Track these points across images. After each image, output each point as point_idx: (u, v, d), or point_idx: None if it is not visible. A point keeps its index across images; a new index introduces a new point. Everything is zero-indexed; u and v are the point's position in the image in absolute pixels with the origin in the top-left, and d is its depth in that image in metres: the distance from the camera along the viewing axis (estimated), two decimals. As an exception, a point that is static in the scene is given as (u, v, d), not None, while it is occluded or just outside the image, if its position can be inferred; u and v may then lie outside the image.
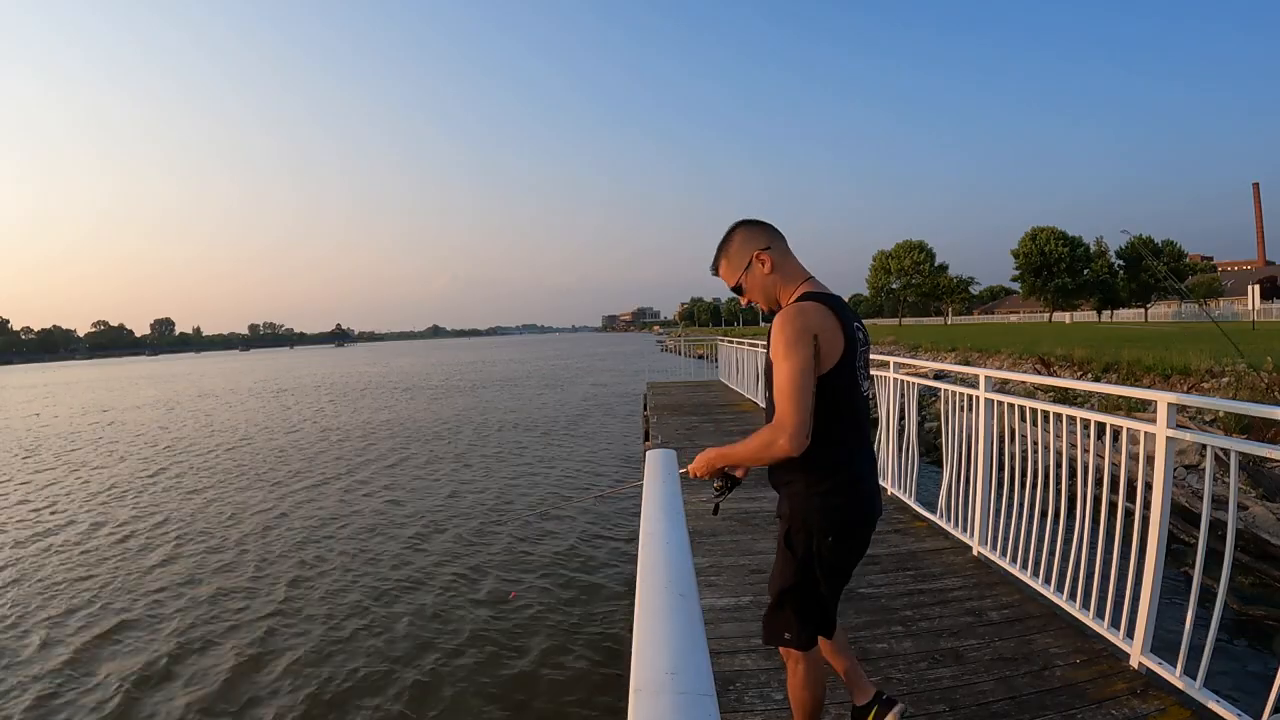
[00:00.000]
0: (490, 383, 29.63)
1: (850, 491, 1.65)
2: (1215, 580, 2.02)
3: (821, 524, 1.62)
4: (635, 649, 0.63)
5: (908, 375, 4.49)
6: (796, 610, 1.68)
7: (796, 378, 1.51)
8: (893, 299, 69.04)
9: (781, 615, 1.70)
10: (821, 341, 1.54)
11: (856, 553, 1.72)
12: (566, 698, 4.03)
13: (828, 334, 1.55)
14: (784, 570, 1.69)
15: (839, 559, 1.68)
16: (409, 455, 12.23)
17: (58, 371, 76.87)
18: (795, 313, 1.56)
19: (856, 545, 1.71)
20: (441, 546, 6.88)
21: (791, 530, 1.66)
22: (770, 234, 1.71)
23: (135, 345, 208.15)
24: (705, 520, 4.00)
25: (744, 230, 1.71)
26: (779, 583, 1.71)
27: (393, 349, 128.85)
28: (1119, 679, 2.23)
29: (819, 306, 1.58)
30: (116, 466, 12.22)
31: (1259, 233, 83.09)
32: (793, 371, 1.51)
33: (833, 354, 1.56)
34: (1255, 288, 25.77)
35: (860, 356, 1.64)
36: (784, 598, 1.69)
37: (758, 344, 10.02)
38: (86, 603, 5.66)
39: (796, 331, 1.53)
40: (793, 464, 1.59)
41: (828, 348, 1.55)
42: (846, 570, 1.72)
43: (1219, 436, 2.10)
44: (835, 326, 1.57)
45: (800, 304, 1.60)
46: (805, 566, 1.65)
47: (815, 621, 1.71)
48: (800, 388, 1.51)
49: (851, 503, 1.65)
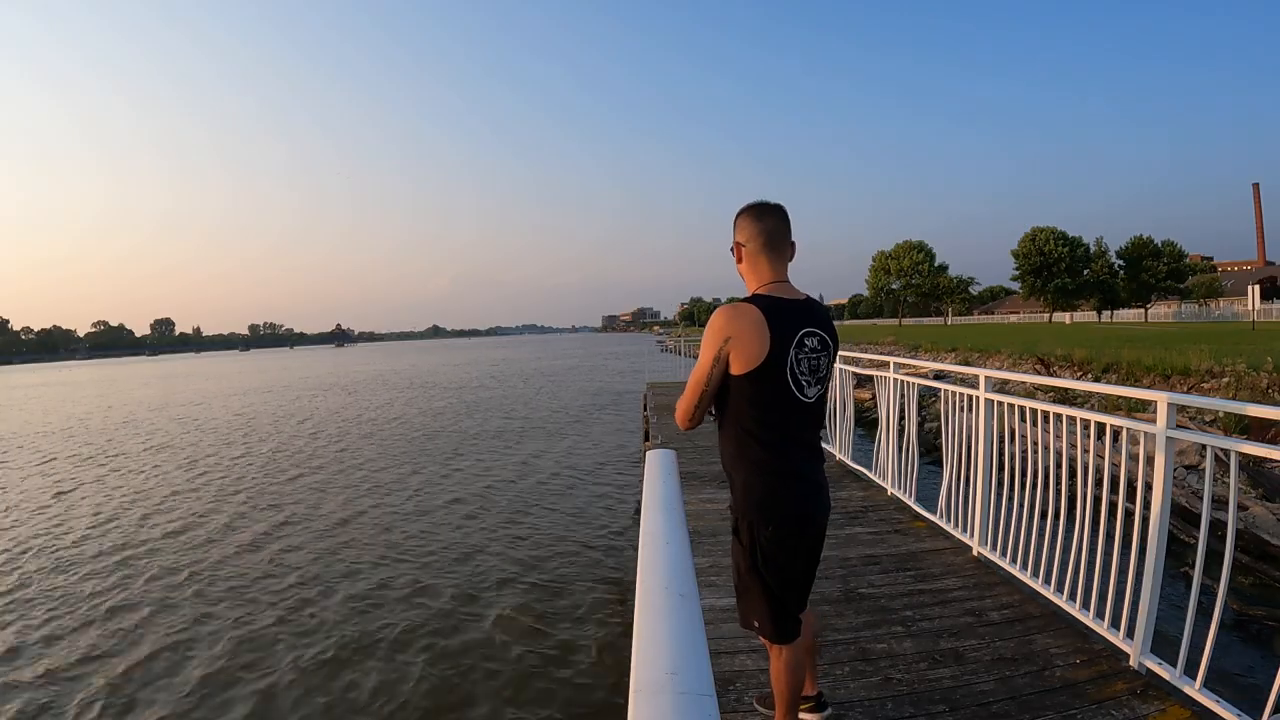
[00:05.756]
0: (492, 383, 29.62)
1: (788, 486, 1.69)
2: (1215, 580, 2.02)
3: (761, 515, 1.69)
4: (635, 649, 0.63)
5: (908, 375, 4.48)
6: (754, 601, 1.75)
7: (695, 372, 1.70)
8: (893, 299, 69.05)
9: (744, 604, 1.79)
10: (736, 344, 1.61)
11: (802, 553, 1.73)
12: (566, 698, 4.03)
13: (745, 337, 1.60)
14: (736, 561, 1.77)
15: (782, 554, 1.69)
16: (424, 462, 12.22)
17: (59, 371, 76.87)
18: (718, 314, 1.66)
19: (800, 542, 1.71)
20: (431, 557, 6.87)
21: (738, 520, 1.75)
22: (755, 228, 1.72)
23: (135, 345, 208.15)
24: (705, 520, 4.00)
25: (740, 218, 1.76)
26: (735, 573, 1.80)
27: (395, 349, 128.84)
28: (1119, 679, 2.23)
29: (749, 310, 1.62)
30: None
31: (1259, 233, 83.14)
32: (696, 366, 1.70)
33: (752, 356, 1.60)
34: (1255, 288, 25.72)
35: (803, 360, 1.65)
36: (741, 587, 1.78)
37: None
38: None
39: (711, 332, 1.66)
40: (734, 458, 1.72)
41: (745, 350, 1.60)
42: (794, 568, 1.72)
43: (1219, 437, 2.10)
44: (760, 331, 1.60)
45: (729, 306, 1.67)
46: (751, 556, 1.72)
47: (775, 615, 1.72)
48: (695, 384, 1.70)
49: (789, 496, 1.69)
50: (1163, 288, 47.56)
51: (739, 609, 1.82)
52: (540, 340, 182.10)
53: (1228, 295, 47.87)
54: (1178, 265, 46.86)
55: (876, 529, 3.96)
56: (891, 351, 20.27)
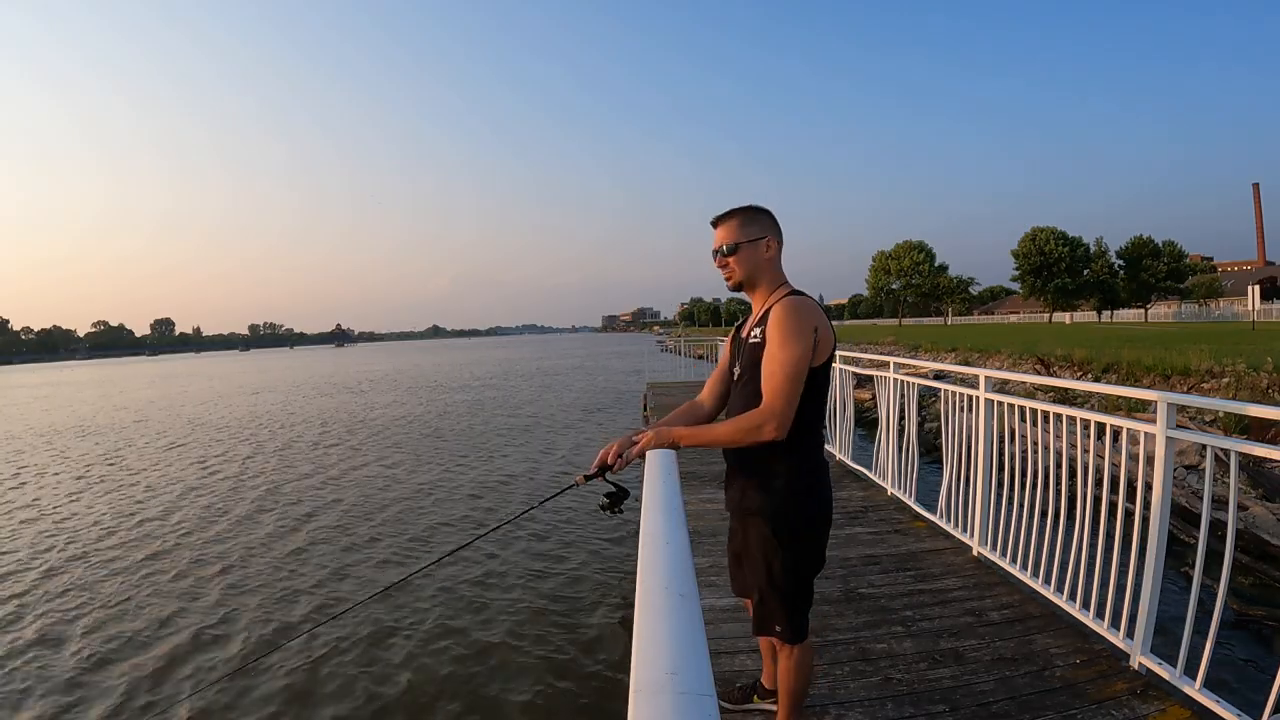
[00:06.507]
0: (495, 383, 29.63)
1: (827, 476, 1.75)
2: (1215, 580, 2.02)
3: (813, 511, 1.71)
4: (635, 649, 0.63)
5: (908, 375, 4.48)
6: (785, 601, 1.72)
7: (793, 366, 1.56)
8: (893, 299, 69.07)
9: (769, 608, 1.74)
10: (819, 337, 1.61)
11: (826, 539, 1.80)
12: (566, 698, 4.03)
13: (824, 330, 1.62)
14: (771, 562, 1.71)
15: (818, 541, 1.75)
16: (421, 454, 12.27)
17: (60, 372, 76.84)
18: (800, 305, 1.61)
19: (829, 527, 1.79)
20: (423, 541, 6.88)
21: (778, 521, 1.69)
22: (778, 230, 1.78)
23: (135, 345, 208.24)
24: (705, 520, 4.00)
25: (765, 214, 1.76)
26: (765, 576, 1.72)
27: (395, 349, 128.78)
28: (1119, 679, 2.24)
29: (816, 304, 1.66)
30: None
31: (1259, 233, 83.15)
32: (790, 360, 1.56)
33: (826, 349, 1.63)
34: (1255, 288, 25.72)
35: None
36: (773, 590, 1.72)
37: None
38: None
39: (802, 322, 1.58)
40: (778, 453, 1.63)
41: (823, 343, 1.62)
42: (821, 555, 1.79)
43: (1219, 437, 2.10)
44: (828, 324, 1.65)
45: (804, 298, 1.65)
46: (794, 555, 1.70)
47: (803, 611, 1.76)
48: (796, 377, 1.57)
49: (828, 486, 1.75)
50: (1163, 288, 47.58)
51: (758, 615, 1.77)
52: (540, 340, 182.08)
53: (1228, 295, 47.85)
54: (1178, 265, 46.88)
55: (876, 529, 3.96)
56: (891, 351, 20.27)
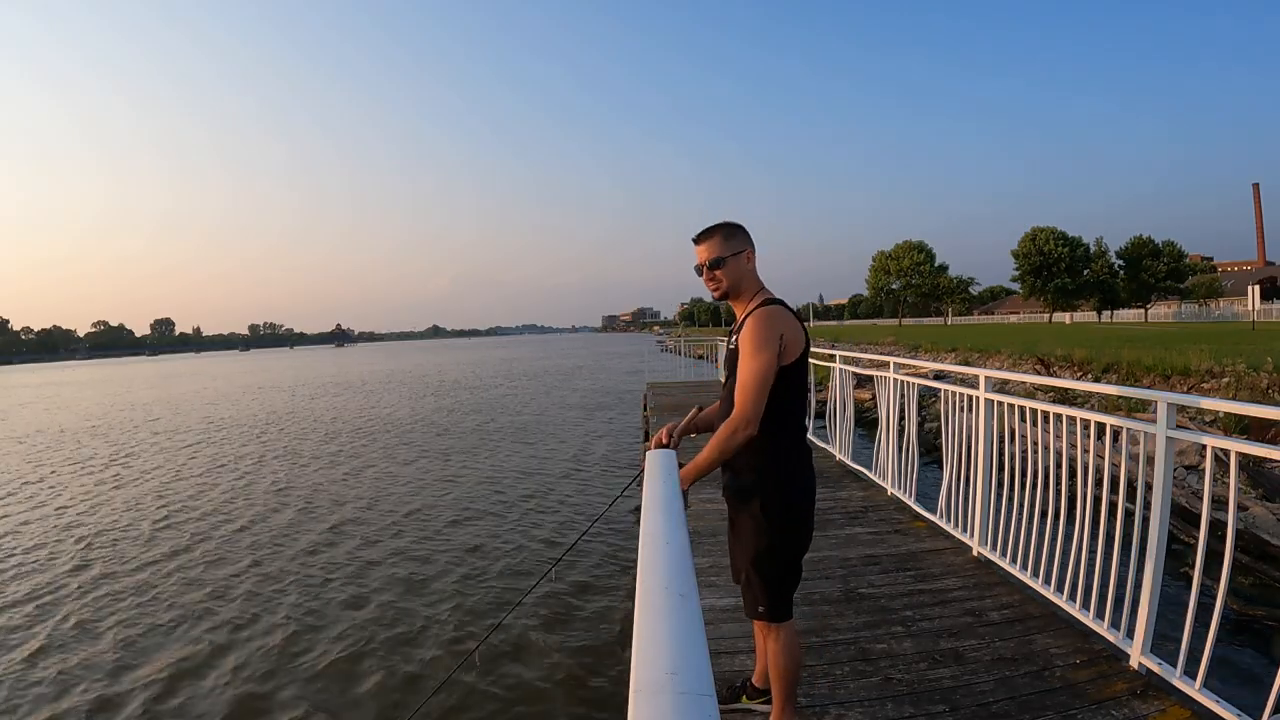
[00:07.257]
0: (497, 383, 29.62)
1: (806, 457, 1.90)
2: (1215, 580, 2.02)
3: (798, 487, 1.85)
4: (635, 649, 0.63)
5: (908, 375, 4.48)
6: (767, 583, 1.84)
7: (759, 375, 1.73)
8: (893, 299, 69.06)
9: (753, 588, 1.86)
10: (786, 341, 1.78)
11: (809, 521, 1.90)
12: (566, 697, 4.03)
13: (790, 334, 1.79)
14: (756, 541, 1.83)
15: (801, 521, 1.86)
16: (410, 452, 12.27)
17: (61, 372, 76.80)
18: (767, 315, 1.78)
19: (811, 510, 1.90)
20: (436, 553, 6.88)
21: (760, 504, 1.82)
22: (751, 242, 1.95)
23: (135, 345, 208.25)
24: (705, 520, 3.99)
25: (740, 230, 1.93)
26: (749, 554, 1.85)
27: (395, 349, 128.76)
28: (1119, 679, 2.23)
29: (784, 310, 1.84)
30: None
31: (1259, 233, 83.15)
32: (756, 369, 1.73)
33: (794, 350, 1.80)
34: (1255, 288, 25.71)
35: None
36: (756, 571, 1.84)
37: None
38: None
39: (769, 331, 1.76)
40: (759, 442, 1.77)
41: (791, 345, 1.79)
42: (805, 537, 1.90)
43: (1219, 436, 2.10)
44: (797, 326, 1.82)
45: (772, 307, 1.81)
46: (779, 533, 1.82)
47: (786, 594, 1.87)
48: (762, 384, 1.73)
49: (807, 465, 1.89)
50: (1163, 288, 47.55)
51: (745, 597, 1.90)
52: (540, 340, 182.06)
53: (1228, 295, 47.84)
54: (1178, 265, 46.86)
55: (876, 529, 3.96)
56: (891, 351, 20.27)
